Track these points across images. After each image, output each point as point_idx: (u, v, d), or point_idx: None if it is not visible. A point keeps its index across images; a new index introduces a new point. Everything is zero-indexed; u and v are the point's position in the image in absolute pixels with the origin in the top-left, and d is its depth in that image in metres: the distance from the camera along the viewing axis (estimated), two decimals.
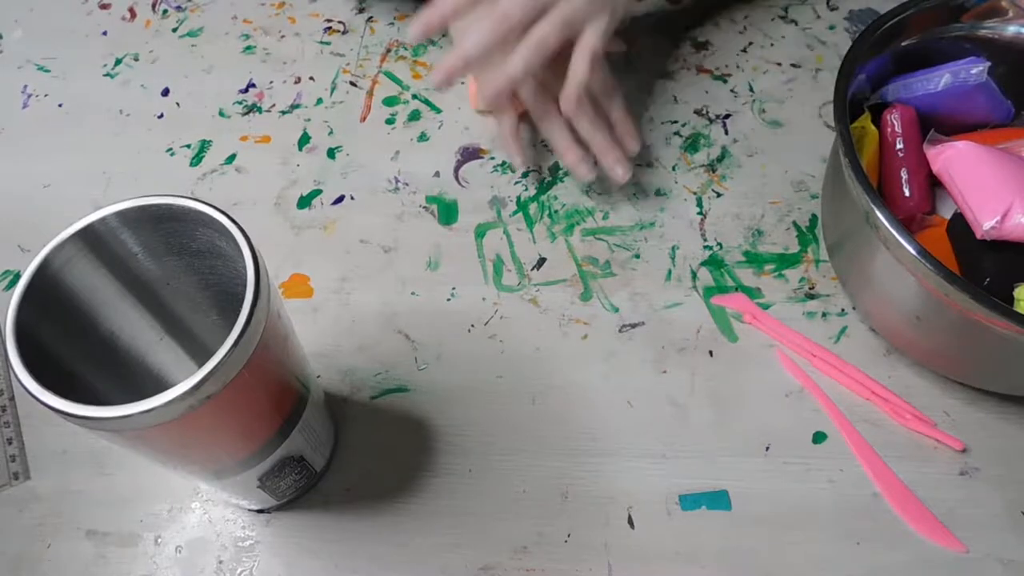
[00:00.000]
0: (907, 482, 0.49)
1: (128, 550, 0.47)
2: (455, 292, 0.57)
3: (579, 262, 0.59)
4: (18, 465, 0.50)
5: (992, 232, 0.47)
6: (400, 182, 0.63)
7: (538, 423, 0.52)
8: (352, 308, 0.57)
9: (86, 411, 0.30)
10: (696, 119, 0.67)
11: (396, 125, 0.67)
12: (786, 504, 0.49)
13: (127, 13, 0.76)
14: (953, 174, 0.51)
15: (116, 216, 0.36)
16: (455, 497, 0.49)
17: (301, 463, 0.45)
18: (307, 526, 0.48)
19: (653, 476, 0.50)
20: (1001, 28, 0.55)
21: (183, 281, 0.41)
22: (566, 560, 0.47)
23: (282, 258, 0.59)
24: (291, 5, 0.76)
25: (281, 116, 0.68)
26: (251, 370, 0.33)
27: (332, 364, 0.54)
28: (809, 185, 0.62)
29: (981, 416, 0.51)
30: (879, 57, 0.54)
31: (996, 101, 0.56)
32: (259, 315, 0.33)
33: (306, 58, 0.72)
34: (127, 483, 0.50)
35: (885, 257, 0.46)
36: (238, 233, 0.35)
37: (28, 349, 0.32)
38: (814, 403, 0.52)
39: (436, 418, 0.52)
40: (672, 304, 0.56)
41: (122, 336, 0.40)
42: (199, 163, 0.65)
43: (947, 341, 0.48)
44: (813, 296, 0.57)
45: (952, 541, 0.47)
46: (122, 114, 0.68)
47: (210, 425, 0.34)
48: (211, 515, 0.49)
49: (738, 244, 0.59)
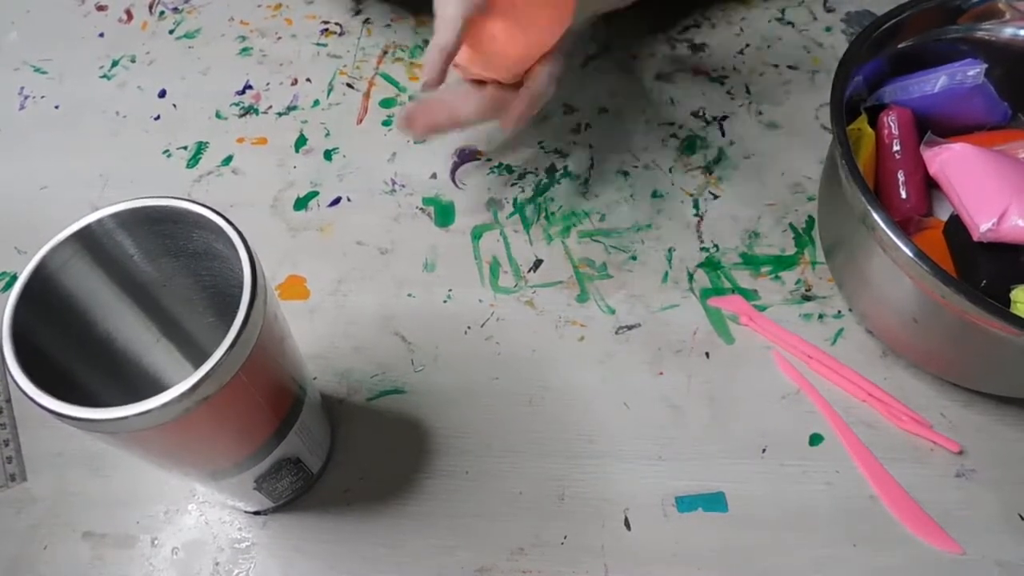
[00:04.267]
0: (903, 484, 0.49)
1: (124, 552, 0.47)
2: (451, 294, 0.57)
3: (575, 264, 0.59)
4: (14, 467, 0.50)
5: (989, 234, 0.48)
6: (396, 184, 0.63)
7: (534, 425, 0.52)
8: (348, 310, 0.57)
9: (82, 413, 0.30)
10: (693, 121, 0.67)
11: (393, 127, 0.67)
12: (783, 506, 0.49)
13: (124, 15, 0.76)
14: (950, 176, 0.51)
15: (113, 218, 0.36)
16: (451, 499, 0.49)
17: (298, 465, 0.45)
18: (304, 528, 0.48)
19: (650, 478, 0.50)
20: (998, 30, 0.55)
21: (179, 283, 0.41)
22: (563, 562, 0.47)
23: (278, 260, 0.59)
24: (288, 7, 0.76)
25: (278, 118, 0.68)
26: (247, 372, 0.33)
27: (329, 366, 0.54)
28: (806, 187, 0.62)
29: (978, 418, 0.52)
30: (876, 59, 0.54)
31: (993, 103, 0.56)
32: (256, 317, 0.33)
33: (303, 60, 0.72)
34: (124, 485, 0.50)
35: (882, 259, 0.46)
36: (234, 235, 0.35)
37: (24, 351, 0.32)
38: (810, 405, 0.52)
39: (433, 420, 0.52)
40: (669, 306, 0.56)
41: (118, 338, 0.40)
42: (196, 165, 0.65)
43: (944, 343, 0.48)
44: (810, 298, 0.57)
45: (948, 543, 0.47)
46: (119, 116, 0.68)
47: (207, 427, 0.34)
48: (208, 517, 0.49)
49: (735, 246, 0.59)
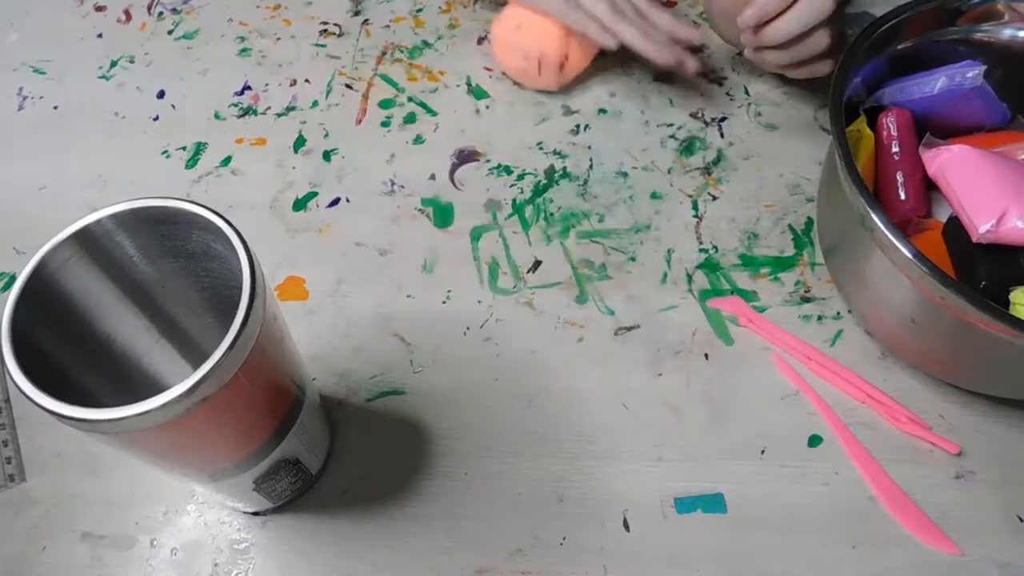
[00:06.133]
0: (902, 485, 0.49)
1: (124, 553, 0.47)
2: (450, 295, 0.57)
3: (574, 265, 0.59)
4: (13, 468, 0.50)
5: (988, 235, 0.48)
6: (395, 185, 0.63)
7: (533, 426, 0.52)
8: (347, 311, 0.57)
9: (81, 413, 0.30)
10: (692, 122, 0.67)
11: (391, 128, 0.67)
12: (782, 507, 0.49)
13: (123, 15, 0.76)
14: (949, 177, 0.51)
15: (112, 218, 0.36)
16: (450, 500, 0.49)
17: (297, 466, 0.45)
18: (303, 529, 0.48)
19: (649, 479, 0.50)
20: (997, 31, 0.55)
21: (178, 283, 0.41)
22: (561, 563, 0.47)
23: (277, 261, 0.59)
24: (287, 8, 0.76)
25: (277, 119, 0.68)
26: (246, 373, 0.33)
27: (328, 367, 0.54)
28: (805, 188, 0.62)
29: (976, 419, 0.52)
30: (875, 60, 0.55)
31: (992, 104, 0.56)
32: (255, 318, 0.33)
33: (302, 61, 0.72)
34: (123, 486, 0.50)
35: (880, 260, 0.46)
36: (233, 235, 0.35)
37: (24, 351, 0.32)
38: (809, 406, 0.52)
39: (432, 421, 0.52)
40: (668, 307, 0.56)
41: (118, 338, 0.40)
42: (194, 165, 0.65)
43: (942, 344, 0.48)
44: (809, 299, 0.57)
45: (947, 544, 0.47)
46: (117, 116, 0.68)
47: (206, 428, 0.34)
48: (207, 518, 0.49)
49: (733, 247, 0.59)
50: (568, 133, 0.66)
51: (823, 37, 0.55)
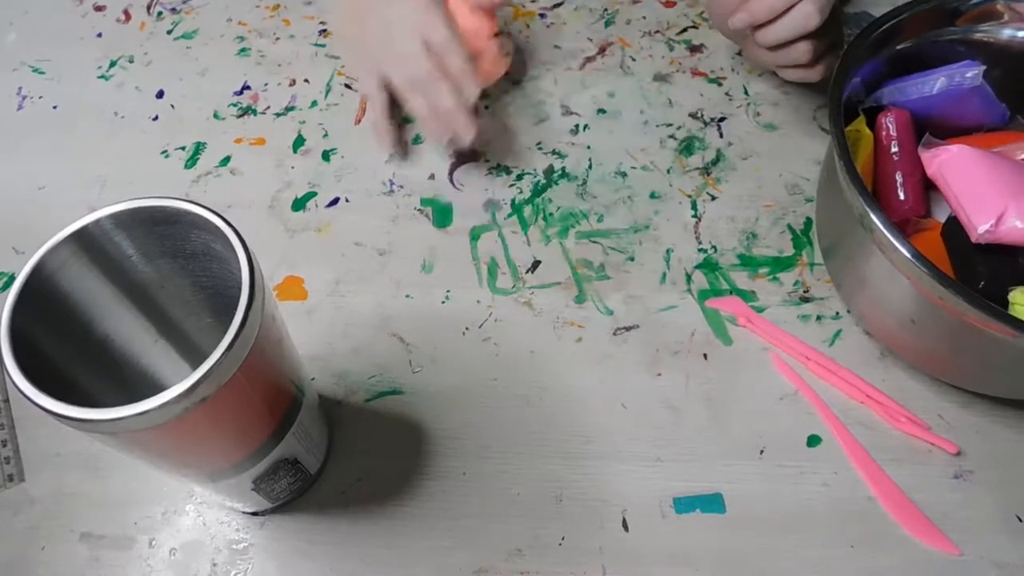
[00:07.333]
0: (901, 485, 0.49)
1: (122, 553, 0.47)
2: (449, 295, 0.57)
3: (573, 265, 0.59)
4: (12, 468, 0.50)
5: (987, 235, 0.48)
6: (395, 185, 0.63)
7: (532, 426, 0.52)
8: (346, 311, 0.56)
9: (80, 413, 0.30)
10: (691, 122, 0.67)
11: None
12: (780, 507, 0.49)
13: (122, 15, 0.76)
14: (948, 177, 0.51)
15: (111, 218, 0.36)
16: (449, 500, 0.49)
17: (295, 466, 0.45)
18: (301, 529, 0.48)
19: (647, 479, 0.50)
20: (996, 31, 0.55)
21: (177, 283, 0.41)
22: (560, 563, 0.47)
23: (276, 260, 0.59)
24: (286, 7, 0.76)
25: (276, 118, 0.68)
26: (245, 373, 0.33)
27: (326, 367, 0.54)
28: (804, 188, 0.62)
29: (975, 419, 0.52)
30: (874, 60, 0.55)
31: (991, 104, 0.56)
32: (254, 318, 0.33)
33: (301, 60, 0.72)
34: (121, 486, 0.50)
35: (879, 260, 0.46)
36: (232, 235, 0.35)
37: (23, 351, 0.32)
38: (808, 406, 0.52)
39: (430, 421, 0.52)
40: (666, 307, 0.56)
41: (116, 338, 0.40)
42: (194, 165, 0.65)
43: (941, 344, 0.48)
44: (807, 299, 0.57)
45: (946, 544, 0.47)
46: (117, 116, 0.68)
47: (204, 428, 0.34)
48: (205, 518, 0.49)
49: (732, 247, 0.59)
50: (567, 133, 0.66)
51: (805, 50, 0.56)
